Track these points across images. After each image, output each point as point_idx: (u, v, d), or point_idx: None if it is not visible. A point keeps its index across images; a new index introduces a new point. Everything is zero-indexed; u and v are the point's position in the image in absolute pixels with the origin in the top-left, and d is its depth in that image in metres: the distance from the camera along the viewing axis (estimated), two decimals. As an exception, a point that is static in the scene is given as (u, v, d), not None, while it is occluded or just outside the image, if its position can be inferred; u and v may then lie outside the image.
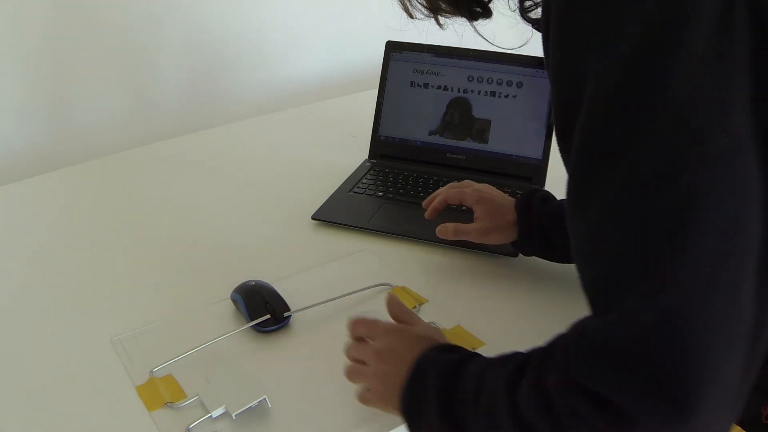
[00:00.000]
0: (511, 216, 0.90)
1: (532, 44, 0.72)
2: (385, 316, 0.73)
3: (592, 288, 0.50)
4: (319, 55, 1.69)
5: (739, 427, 0.66)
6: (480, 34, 0.71)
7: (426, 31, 0.77)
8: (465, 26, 0.70)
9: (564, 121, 0.51)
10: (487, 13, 0.68)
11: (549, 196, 0.91)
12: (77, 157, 1.37)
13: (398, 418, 0.70)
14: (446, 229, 0.93)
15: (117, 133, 1.45)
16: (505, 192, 1.08)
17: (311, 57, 1.67)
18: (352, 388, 0.74)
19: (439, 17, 0.69)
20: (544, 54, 0.54)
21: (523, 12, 0.65)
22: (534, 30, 0.65)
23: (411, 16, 0.70)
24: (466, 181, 0.98)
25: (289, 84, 1.67)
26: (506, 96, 1.14)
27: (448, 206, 0.97)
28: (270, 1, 1.56)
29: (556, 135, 0.54)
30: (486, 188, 0.95)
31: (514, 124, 1.13)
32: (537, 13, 0.64)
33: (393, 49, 1.20)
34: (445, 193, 0.97)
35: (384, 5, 0.73)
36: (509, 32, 0.71)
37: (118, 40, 1.39)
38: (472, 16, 0.67)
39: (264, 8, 1.55)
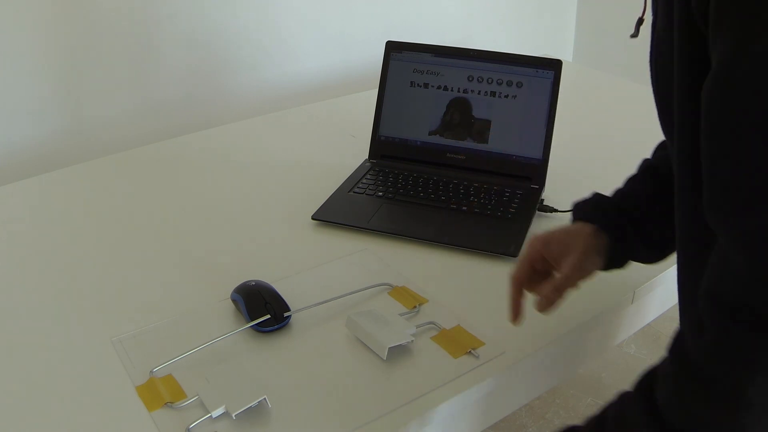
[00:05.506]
0: (582, 237, 0.74)
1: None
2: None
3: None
4: (319, 55, 1.69)
5: None
6: None
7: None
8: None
9: None
10: None
11: (603, 199, 0.79)
12: (77, 157, 1.37)
13: (399, 419, 0.70)
14: (548, 300, 0.73)
15: (117, 134, 1.45)
16: (506, 192, 1.09)
17: (311, 57, 1.67)
18: (352, 389, 0.74)
19: None
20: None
21: None
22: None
23: None
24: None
25: (289, 84, 1.67)
26: (506, 96, 1.14)
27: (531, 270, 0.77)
28: (270, 1, 1.56)
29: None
30: (543, 235, 0.76)
31: (514, 124, 1.13)
32: None
33: (393, 49, 1.20)
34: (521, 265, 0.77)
35: (384, 5, 0.73)
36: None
37: (118, 41, 1.39)
38: None
39: (264, 8, 1.55)
